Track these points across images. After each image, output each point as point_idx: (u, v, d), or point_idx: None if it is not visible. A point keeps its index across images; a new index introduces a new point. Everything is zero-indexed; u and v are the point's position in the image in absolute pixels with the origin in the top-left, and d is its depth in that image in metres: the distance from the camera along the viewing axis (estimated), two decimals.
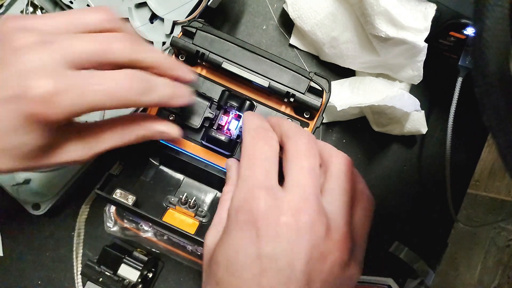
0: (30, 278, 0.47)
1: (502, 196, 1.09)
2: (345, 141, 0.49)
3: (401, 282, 0.50)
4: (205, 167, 0.36)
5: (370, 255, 0.51)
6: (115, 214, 0.40)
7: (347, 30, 0.43)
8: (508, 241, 1.11)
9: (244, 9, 0.48)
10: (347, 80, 0.46)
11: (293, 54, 0.48)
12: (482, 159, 1.05)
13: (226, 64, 0.34)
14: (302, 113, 0.37)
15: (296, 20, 0.44)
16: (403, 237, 0.50)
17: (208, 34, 0.35)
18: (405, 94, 0.44)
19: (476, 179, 1.08)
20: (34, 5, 0.40)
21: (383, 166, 0.50)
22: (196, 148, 0.37)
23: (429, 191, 0.50)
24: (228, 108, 0.36)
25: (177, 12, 0.40)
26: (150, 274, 0.45)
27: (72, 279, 0.47)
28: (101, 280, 0.43)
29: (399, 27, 0.39)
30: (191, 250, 0.39)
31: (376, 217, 0.50)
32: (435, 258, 0.50)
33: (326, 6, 0.43)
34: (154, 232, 0.40)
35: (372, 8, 0.38)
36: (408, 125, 0.46)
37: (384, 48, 0.41)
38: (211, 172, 0.36)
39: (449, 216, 0.47)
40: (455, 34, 0.41)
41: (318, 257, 0.24)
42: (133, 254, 0.45)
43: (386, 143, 0.49)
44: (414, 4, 0.39)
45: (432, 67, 0.43)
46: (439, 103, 0.49)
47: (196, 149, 0.37)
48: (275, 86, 0.35)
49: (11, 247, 0.47)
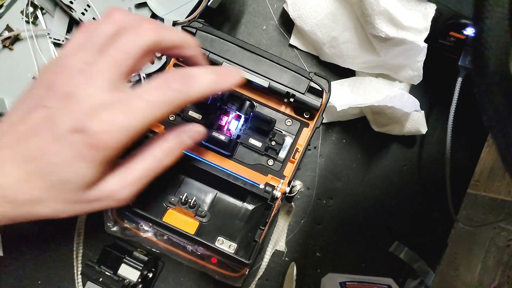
0: (30, 278, 0.47)
1: (502, 196, 1.09)
2: (345, 141, 0.49)
3: (401, 282, 0.50)
4: (205, 167, 0.36)
5: (370, 255, 0.51)
6: (115, 214, 0.40)
7: (347, 30, 0.43)
8: (508, 241, 1.11)
9: (244, 9, 0.48)
10: (347, 80, 0.46)
11: (293, 54, 0.48)
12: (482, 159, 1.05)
13: (226, 64, 0.34)
14: (302, 113, 0.37)
15: (296, 20, 0.44)
16: (403, 237, 0.50)
17: (208, 34, 0.35)
18: (405, 94, 0.44)
19: (476, 179, 1.08)
20: (34, 5, 0.40)
21: (383, 166, 0.50)
22: (196, 148, 0.37)
23: (429, 191, 0.50)
24: (228, 108, 0.36)
25: (177, 12, 0.40)
26: (150, 274, 0.45)
27: (72, 279, 0.47)
28: (101, 280, 0.43)
29: (399, 27, 0.39)
30: (191, 250, 0.39)
31: (376, 217, 0.51)
32: (435, 258, 0.51)
33: (326, 6, 0.43)
34: (154, 232, 0.40)
35: (372, 8, 0.38)
36: (408, 125, 0.46)
37: (384, 48, 0.41)
38: (211, 172, 0.36)
39: (449, 216, 0.47)
40: (455, 34, 0.41)
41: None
42: (133, 254, 0.45)
43: (386, 143, 0.49)
44: (414, 4, 0.39)
45: (432, 67, 0.43)
46: (439, 103, 0.49)
47: (196, 149, 0.37)
48: (275, 86, 0.35)
49: (11, 247, 0.47)
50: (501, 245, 1.11)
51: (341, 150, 0.49)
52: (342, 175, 0.49)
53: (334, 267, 0.50)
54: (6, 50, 0.41)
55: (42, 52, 0.41)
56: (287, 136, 0.37)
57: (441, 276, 1.08)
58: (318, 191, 0.49)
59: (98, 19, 0.39)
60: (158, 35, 0.27)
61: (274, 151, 0.37)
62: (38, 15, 0.41)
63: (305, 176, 0.49)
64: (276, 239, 0.48)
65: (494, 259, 1.11)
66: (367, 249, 0.50)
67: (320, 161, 0.49)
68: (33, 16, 0.41)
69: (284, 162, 0.37)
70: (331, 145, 0.49)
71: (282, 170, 0.37)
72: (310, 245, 0.49)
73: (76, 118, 0.24)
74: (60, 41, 0.41)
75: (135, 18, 0.28)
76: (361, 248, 0.50)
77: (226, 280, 0.40)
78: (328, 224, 0.49)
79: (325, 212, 0.49)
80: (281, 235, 0.48)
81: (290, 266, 0.48)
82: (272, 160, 0.37)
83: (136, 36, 0.26)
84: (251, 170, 0.37)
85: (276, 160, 0.37)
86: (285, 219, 0.48)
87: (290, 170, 0.37)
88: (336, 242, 0.50)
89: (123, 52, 0.26)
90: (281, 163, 0.37)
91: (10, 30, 0.41)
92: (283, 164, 0.37)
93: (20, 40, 0.41)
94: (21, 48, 0.41)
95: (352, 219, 0.50)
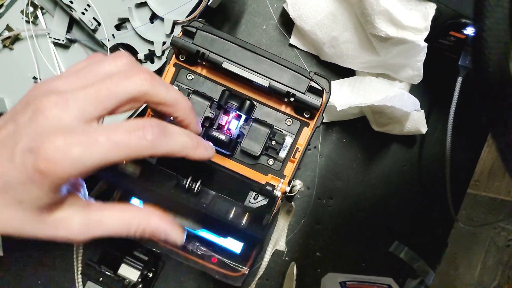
0: (30, 278, 0.47)
1: (502, 196, 1.09)
2: (345, 141, 0.49)
3: (401, 282, 0.50)
4: (205, 167, 0.36)
5: (370, 255, 0.51)
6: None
7: (347, 30, 0.43)
8: (508, 241, 1.11)
9: (244, 9, 0.48)
10: (347, 80, 0.46)
11: (293, 53, 0.48)
12: (482, 159, 1.05)
13: (226, 64, 0.34)
14: (302, 112, 0.37)
15: (296, 20, 0.44)
16: (403, 237, 0.50)
17: (208, 34, 0.35)
18: (405, 94, 0.44)
19: (476, 179, 1.08)
20: (34, 5, 0.40)
21: (383, 166, 0.50)
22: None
23: (429, 191, 0.50)
24: (228, 107, 0.36)
25: (177, 12, 0.40)
26: (150, 274, 0.45)
27: (72, 279, 0.47)
28: (102, 280, 0.43)
29: (399, 27, 0.39)
30: (191, 250, 0.40)
31: (376, 217, 0.51)
32: (435, 258, 0.51)
33: (326, 6, 0.43)
34: None
35: (372, 8, 0.38)
36: (408, 124, 0.46)
37: (384, 48, 0.41)
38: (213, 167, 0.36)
39: (449, 216, 0.47)
40: (455, 34, 0.41)
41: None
42: (133, 254, 0.45)
43: (386, 143, 0.49)
44: (414, 3, 0.39)
45: (432, 67, 0.43)
46: (439, 103, 0.49)
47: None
48: (275, 86, 0.35)
49: (11, 247, 0.47)
50: (501, 245, 1.11)
51: (341, 150, 0.49)
52: (342, 175, 0.49)
53: (334, 267, 0.50)
54: (6, 50, 0.41)
55: (42, 52, 0.41)
56: (287, 136, 0.37)
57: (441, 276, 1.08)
58: (318, 191, 0.49)
59: (98, 19, 0.39)
60: (150, 88, 0.27)
61: (274, 151, 0.37)
62: (38, 15, 0.41)
63: (305, 175, 0.49)
64: (276, 238, 0.48)
65: (494, 259, 1.11)
66: (367, 249, 0.50)
67: (320, 161, 0.49)
68: (33, 16, 0.40)
69: (284, 161, 0.37)
70: (331, 145, 0.49)
71: (282, 169, 0.37)
72: (310, 245, 0.49)
73: (33, 137, 0.24)
74: (60, 40, 0.41)
75: (136, 67, 0.28)
76: (361, 248, 0.50)
77: (226, 280, 0.40)
78: (328, 224, 0.49)
79: (325, 212, 0.49)
80: (281, 234, 0.48)
81: (290, 265, 0.48)
82: (272, 159, 0.37)
83: (128, 81, 0.26)
84: (251, 170, 0.37)
85: (276, 160, 0.37)
86: (285, 218, 0.48)
87: (290, 169, 0.37)
88: (336, 242, 0.50)
89: (109, 91, 0.26)
90: (281, 163, 0.37)
91: (10, 30, 0.41)
92: (283, 164, 0.37)
93: (20, 40, 0.41)
94: (21, 48, 0.41)
95: (352, 219, 0.50)
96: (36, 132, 0.24)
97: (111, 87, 0.26)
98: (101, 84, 0.26)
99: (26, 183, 0.24)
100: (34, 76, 0.41)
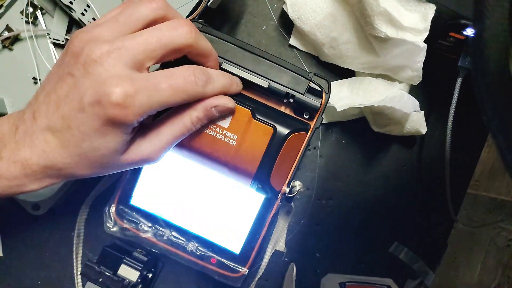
0: (30, 278, 0.47)
1: (502, 196, 1.09)
2: (345, 142, 0.49)
3: (401, 282, 0.50)
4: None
5: (370, 256, 0.51)
6: (114, 214, 0.40)
7: (347, 30, 0.43)
8: (508, 241, 1.11)
9: (244, 10, 0.48)
10: (347, 81, 0.46)
11: (293, 54, 0.48)
12: (482, 159, 1.05)
13: (225, 65, 0.34)
14: (302, 113, 0.37)
15: (296, 20, 0.44)
16: (403, 237, 0.50)
17: (208, 34, 0.35)
18: (404, 95, 0.44)
19: (476, 179, 1.08)
20: (34, 5, 0.40)
21: (383, 166, 0.50)
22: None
23: (429, 191, 0.50)
24: None
25: None
26: (150, 274, 0.45)
27: (72, 279, 0.47)
28: (101, 280, 0.42)
29: (398, 28, 0.39)
30: (191, 250, 0.39)
31: (376, 217, 0.51)
32: (435, 258, 0.50)
33: (325, 7, 0.43)
34: (154, 233, 0.40)
35: (371, 9, 0.38)
36: (407, 125, 0.46)
37: (384, 49, 0.41)
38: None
39: (449, 216, 0.47)
40: (454, 35, 0.41)
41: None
42: (133, 254, 0.45)
43: (386, 143, 0.49)
44: (413, 4, 0.39)
45: (432, 67, 0.43)
46: (438, 104, 0.49)
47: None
48: (275, 87, 0.35)
49: (11, 247, 0.47)
50: (501, 245, 1.11)
51: (341, 151, 0.49)
52: (342, 176, 0.49)
53: (334, 268, 0.50)
54: (6, 50, 0.41)
55: (42, 52, 0.41)
56: None
57: (441, 276, 1.08)
58: (318, 192, 0.49)
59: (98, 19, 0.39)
60: (194, 40, 0.28)
61: None
62: (38, 15, 0.41)
63: (304, 176, 0.49)
64: (275, 239, 0.48)
65: (494, 259, 1.11)
66: (367, 249, 0.50)
67: (320, 162, 0.49)
68: (33, 16, 0.40)
69: None
70: (331, 146, 0.49)
71: None
72: (310, 246, 0.49)
73: (96, 89, 0.25)
74: (60, 41, 0.41)
75: (175, 14, 0.29)
76: (360, 248, 0.50)
77: (226, 280, 0.40)
78: (328, 224, 0.49)
79: (325, 212, 0.49)
80: (280, 235, 0.48)
81: (289, 266, 0.48)
82: None
83: (176, 32, 0.27)
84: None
85: None
86: (285, 219, 0.48)
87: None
88: (336, 242, 0.50)
89: (159, 42, 0.27)
90: None
91: (10, 30, 0.41)
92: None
93: (20, 40, 0.41)
94: (21, 48, 0.41)
95: (352, 219, 0.50)
96: (98, 83, 0.26)
97: (160, 37, 0.27)
98: (149, 35, 0.27)
99: (101, 130, 0.26)
100: (34, 77, 0.41)
